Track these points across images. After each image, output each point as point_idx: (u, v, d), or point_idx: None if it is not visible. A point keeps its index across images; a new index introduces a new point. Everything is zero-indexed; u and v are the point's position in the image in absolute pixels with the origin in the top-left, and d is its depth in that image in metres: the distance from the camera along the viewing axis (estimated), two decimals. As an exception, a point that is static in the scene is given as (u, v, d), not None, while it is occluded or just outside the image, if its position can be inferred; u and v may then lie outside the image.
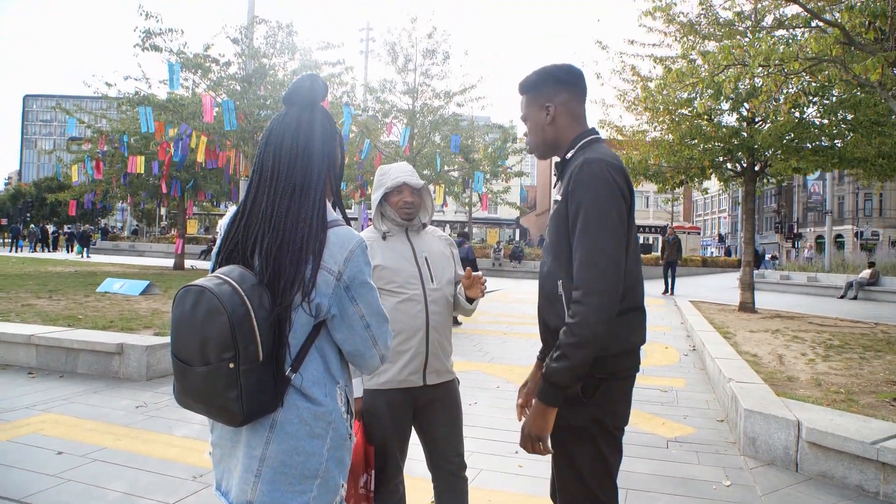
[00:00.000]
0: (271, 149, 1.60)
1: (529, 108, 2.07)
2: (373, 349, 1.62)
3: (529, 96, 2.07)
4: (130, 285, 12.30)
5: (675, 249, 19.31)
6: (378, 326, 1.62)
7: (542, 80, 2.04)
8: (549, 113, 2.02)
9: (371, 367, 1.66)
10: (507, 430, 4.87)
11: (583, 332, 1.71)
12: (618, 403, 1.92)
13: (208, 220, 52.36)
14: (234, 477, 1.54)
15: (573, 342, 1.72)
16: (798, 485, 3.93)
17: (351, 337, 1.59)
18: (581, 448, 1.90)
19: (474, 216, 39.16)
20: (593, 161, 1.83)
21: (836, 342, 8.45)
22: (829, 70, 6.69)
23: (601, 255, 1.74)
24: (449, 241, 2.75)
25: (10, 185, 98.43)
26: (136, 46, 14.60)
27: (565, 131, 2.03)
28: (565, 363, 1.73)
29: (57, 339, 6.55)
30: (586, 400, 1.86)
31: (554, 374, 1.75)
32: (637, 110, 12.35)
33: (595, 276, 1.72)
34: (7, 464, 3.93)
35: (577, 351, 1.72)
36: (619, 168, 1.85)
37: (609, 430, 1.91)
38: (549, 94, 2.02)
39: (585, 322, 1.71)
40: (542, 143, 2.08)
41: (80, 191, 22.83)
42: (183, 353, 1.48)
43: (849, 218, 53.60)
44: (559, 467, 1.96)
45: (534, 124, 2.07)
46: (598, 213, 1.77)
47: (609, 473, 1.93)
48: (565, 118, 2.02)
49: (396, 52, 20.53)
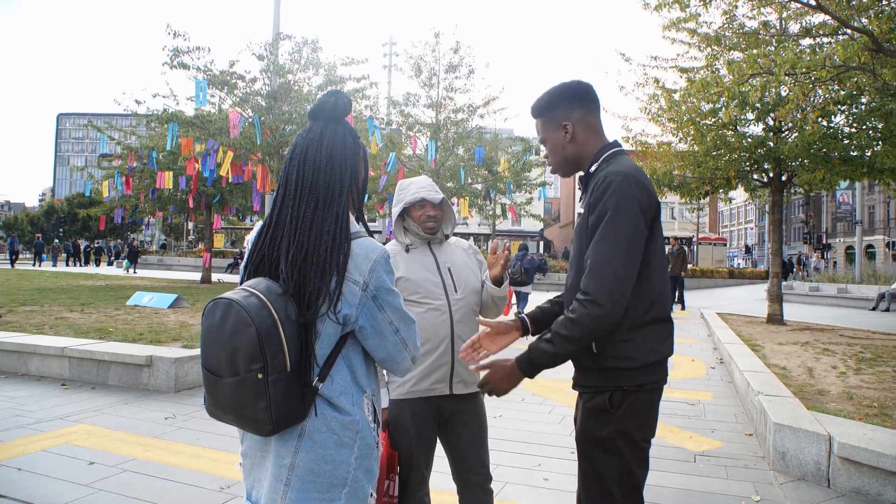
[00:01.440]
0: (296, 163, 1.64)
1: (547, 129, 2.10)
2: (403, 352, 1.66)
3: (545, 119, 2.10)
4: (159, 298, 12.50)
5: (679, 262, 17.50)
6: (406, 329, 1.65)
7: (555, 101, 2.07)
8: (567, 131, 2.05)
9: (404, 370, 1.70)
10: (532, 444, 4.85)
11: (574, 331, 1.80)
12: (645, 416, 1.92)
13: (234, 234, 53.03)
14: (263, 486, 1.57)
15: (564, 335, 1.82)
16: (830, 501, 3.85)
17: (383, 344, 1.62)
18: (608, 460, 1.89)
19: (498, 228, 39.15)
20: (615, 174, 1.86)
21: (868, 355, 8.26)
22: (857, 77, 6.61)
23: (608, 268, 1.79)
24: (474, 251, 2.76)
25: (45, 201, 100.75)
26: (164, 64, 14.95)
27: (586, 146, 2.06)
28: (550, 348, 1.84)
29: (89, 352, 6.68)
30: (614, 412, 1.86)
31: (535, 352, 1.87)
32: (661, 121, 12.27)
33: (600, 288, 1.78)
34: (41, 473, 4.01)
35: (564, 344, 1.83)
36: (640, 181, 1.87)
37: (636, 443, 1.91)
38: (564, 113, 2.06)
39: (581, 323, 1.79)
40: (563, 162, 2.11)
41: (110, 206, 23.34)
42: (212, 365, 1.51)
43: (880, 228, 52.53)
44: (585, 479, 1.96)
45: (553, 145, 2.10)
46: (612, 227, 1.81)
47: (635, 487, 1.91)
48: (584, 133, 2.05)
49: (420, 67, 20.69)
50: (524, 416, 5.69)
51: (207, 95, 15.56)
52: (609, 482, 1.89)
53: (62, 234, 51.50)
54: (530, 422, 5.53)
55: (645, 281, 1.86)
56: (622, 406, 1.86)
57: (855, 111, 10.85)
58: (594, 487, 1.93)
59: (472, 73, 20.91)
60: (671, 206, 54.56)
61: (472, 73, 20.90)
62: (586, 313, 1.77)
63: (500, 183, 22.15)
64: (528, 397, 6.44)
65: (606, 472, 1.89)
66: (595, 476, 1.92)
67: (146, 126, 20.36)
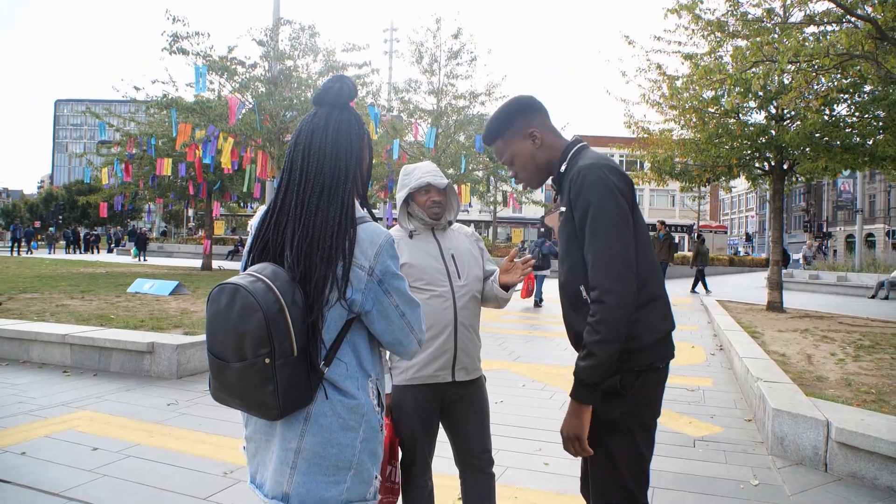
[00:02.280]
0: (300, 149, 1.63)
1: (512, 145, 2.11)
2: (410, 335, 1.66)
3: (506, 136, 2.11)
4: (160, 285, 12.52)
5: (665, 248, 17.12)
6: (412, 312, 1.66)
7: (511, 116, 2.10)
8: (535, 137, 2.08)
9: (411, 353, 1.71)
10: (533, 429, 4.88)
11: (604, 331, 1.77)
12: (653, 395, 1.95)
13: (235, 221, 53.03)
14: (268, 469, 1.58)
15: (597, 339, 1.78)
16: (827, 485, 3.89)
17: (389, 328, 1.63)
18: (618, 442, 1.91)
19: (499, 215, 39.11)
20: (587, 167, 1.89)
21: (866, 342, 8.29)
22: (860, 66, 6.58)
23: (611, 256, 1.80)
24: (476, 237, 2.77)
25: (43, 188, 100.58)
26: (163, 50, 14.86)
27: (553, 149, 2.09)
28: (593, 360, 1.79)
29: (90, 339, 6.70)
30: (626, 393, 1.88)
31: (582, 372, 1.81)
32: (663, 108, 12.22)
33: (608, 276, 1.79)
34: (45, 459, 4.04)
35: (602, 348, 1.77)
36: (612, 168, 1.91)
37: (645, 423, 1.94)
38: (526, 123, 2.09)
39: (606, 320, 1.77)
40: (536, 172, 2.13)
41: (110, 193, 23.30)
42: (219, 350, 1.52)
43: (880, 217, 52.51)
44: (595, 460, 1.97)
45: (524, 158, 2.11)
46: (602, 217, 1.83)
47: (643, 468, 1.95)
48: (550, 136, 2.10)
49: (421, 54, 20.57)
50: (525, 402, 5.72)
51: (207, 82, 15.49)
52: (619, 462, 1.91)
53: (61, 222, 51.45)
54: (531, 407, 5.56)
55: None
56: (633, 387, 1.88)
57: (858, 100, 10.80)
58: (604, 467, 1.94)
59: (475, 59, 20.82)
60: (672, 193, 54.40)
61: (474, 60, 20.81)
62: (605, 307, 1.77)
63: (501, 170, 22.10)
64: (529, 383, 6.47)
65: (617, 452, 1.91)
66: (605, 456, 1.93)
67: (145, 112, 20.28)
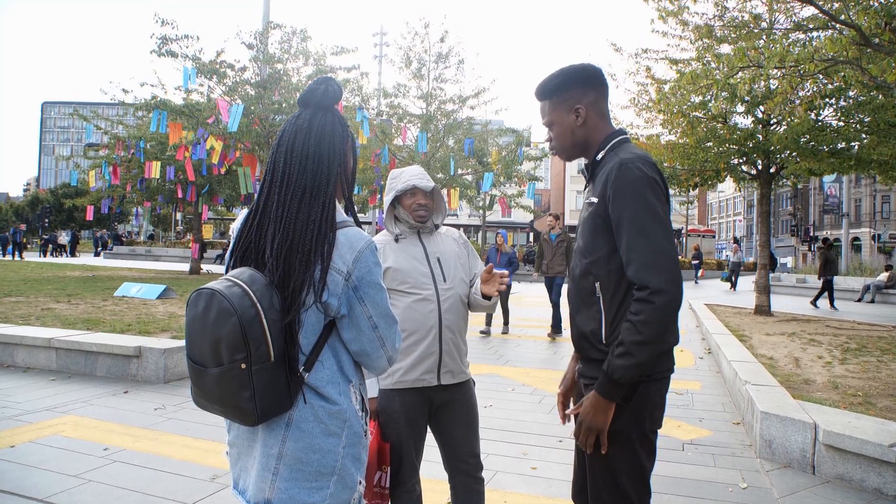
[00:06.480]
0: (283, 150, 1.61)
1: (555, 111, 2.01)
2: (380, 350, 1.62)
3: (554, 101, 2.01)
4: (147, 289, 12.42)
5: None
6: (386, 328, 1.62)
7: (568, 83, 1.98)
8: (579, 115, 1.97)
9: (379, 368, 1.66)
10: (522, 433, 4.87)
11: (648, 332, 1.70)
12: (656, 406, 1.88)
13: (223, 225, 52.75)
14: (251, 475, 1.57)
15: (639, 340, 1.71)
16: (815, 487, 3.91)
17: (358, 337, 1.60)
18: (618, 453, 1.85)
19: (488, 219, 39.15)
20: (631, 161, 1.81)
21: (853, 345, 8.36)
22: (845, 71, 6.64)
23: (662, 254, 1.73)
24: (463, 241, 2.76)
25: (29, 190, 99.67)
26: (152, 52, 14.80)
27: (595, 132, 1.99)
28: (630, 360, 1.72)
29: (76, 343, 6.64)
30: (626, 404, 1.82)
31: (617, 371, 1.74)
32: (651, 113, 12.30)
33: (660, 276, 1.72)
34: (30, 464, 3.99)
35: (642, 349, 1.71)
36: (654, 165, 1.84)
37: (646, 434, 1.87)
38: (577, 96, 1.97)
39: (653, 320, 1.70)
40: (571, 146, 2.03)
41: (97, 196, 23.12)
42: (197, 355, 1.50)
43: (866, 221, 53.04)
44: (594, 470, 1.91)
45: (562, 128, 2.01)
46: (648, 214, 1.76)
47: (644, 479, 1.89)
48: (595, 118, 1.99)
49: (410, 58, 20.61)
50: (514, 406, 5.72)
51: (196, 84, 15.42)
52: (620, 475, 1.85)
53: (48, 225, 50.94)
54: (520, 411, 5.55)
55: None
56: (634, 397, 1.82)
57: (843, 104, 10.92)
58: (603, 478, 1.89)
59: (462, 63, 20.87)
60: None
61: (461, 63, 20.86)
62: (654, 307, 1.70)
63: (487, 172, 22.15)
64: (518, 387, 6.47)
65: (617, 464, 1.85)
66: (605, 469, 1.87)
67: (133, 115, 20.17)
